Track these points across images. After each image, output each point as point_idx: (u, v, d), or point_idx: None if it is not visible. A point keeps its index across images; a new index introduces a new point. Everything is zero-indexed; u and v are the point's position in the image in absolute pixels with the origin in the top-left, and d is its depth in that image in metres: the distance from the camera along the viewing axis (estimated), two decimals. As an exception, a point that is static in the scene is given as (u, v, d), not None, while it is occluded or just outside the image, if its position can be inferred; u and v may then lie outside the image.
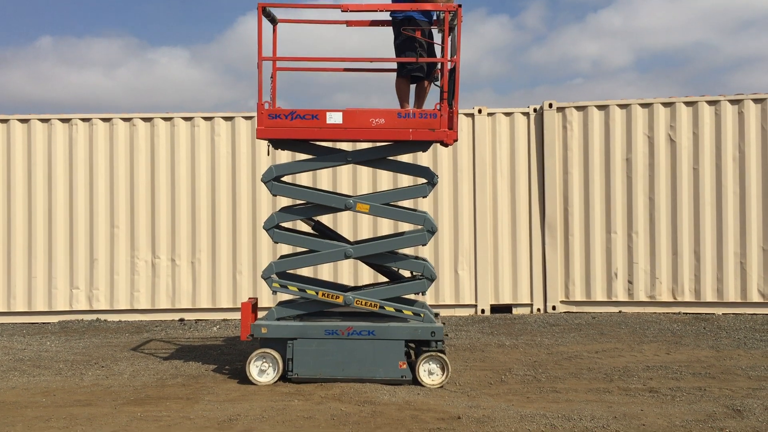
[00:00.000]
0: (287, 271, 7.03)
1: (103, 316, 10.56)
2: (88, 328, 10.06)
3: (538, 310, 10.55)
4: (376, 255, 7.04)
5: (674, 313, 10.18)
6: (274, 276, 6.83)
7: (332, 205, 7.02)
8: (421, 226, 6.88)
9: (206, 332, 9.61)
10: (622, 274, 10.42)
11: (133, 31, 40.47)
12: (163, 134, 10.66)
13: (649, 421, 5.40)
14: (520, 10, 44.04)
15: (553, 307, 10.51)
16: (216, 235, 10.59)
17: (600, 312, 10.36)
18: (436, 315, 6.98)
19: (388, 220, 9.16)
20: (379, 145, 7.00)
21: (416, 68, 7.02)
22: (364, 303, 6.74)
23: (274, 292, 6.89)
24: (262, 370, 6.61)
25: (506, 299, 10.63)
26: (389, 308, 6.73)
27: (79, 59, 37.93)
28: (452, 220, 10.61)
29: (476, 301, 10.58)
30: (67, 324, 10.30)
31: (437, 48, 7.13)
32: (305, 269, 8.63)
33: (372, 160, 7.15)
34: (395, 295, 6.84)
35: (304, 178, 9.96)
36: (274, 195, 7.07)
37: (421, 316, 6.69)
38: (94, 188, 10.60)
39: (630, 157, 10.44)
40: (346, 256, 6.88)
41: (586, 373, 6.98)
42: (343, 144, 7.79)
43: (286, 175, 7.08)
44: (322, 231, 7.37)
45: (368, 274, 9.81)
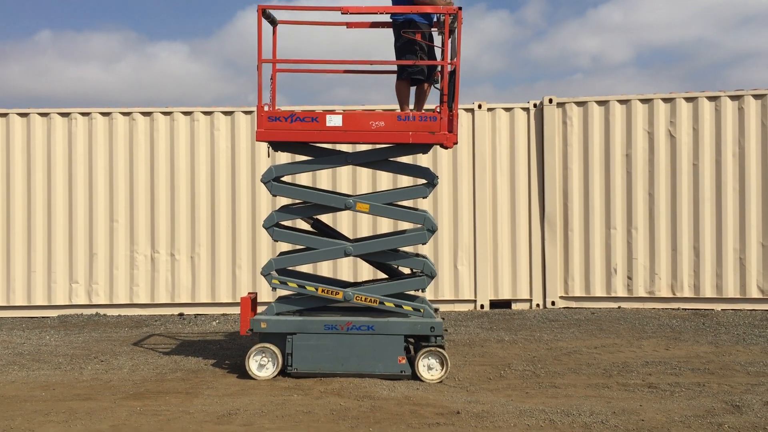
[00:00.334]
0: (287, 268, 7.03)
1: (102, 311, 10.56)
2: (88, 322, 10.07)
3: (538, 305, 10.56)
4: (376, 253, 7.05)
5: (673, 309, 10.19)
6: (273, 273, 6.83)
7: (332, 204, 7.03)
8: (421, 225, 6.88)
9: (205, 327, 9.61)
10: (622, 270, 10.43)
11: (132, 25, 40.40)
12: (163, 129, 10.64)
13: (648, 416, 5.41)
14: (520, 6, 43.97)
15: (553, 303, 10.52)
16: (215, 230, 10.59)
17: (599, 308, 10.36)
18: (435, 310, 6.98)
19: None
20: (379, 147, 6.99)
21: (416, 71, 7.02)
22: (364, 299, 6.74)
23: (273, 288, 6.89)
24: (262, 365, 6.62)
25: (505, 295, 10.64)
26: (389, 304, 6.73)
27: (78, 53, 37.88)
28: (452, 215, 10.61)
29: (475, 297, 10.58)
30: (67, 318, 10.31)
31: (437, 51, 7.12)
32: (305, 265, 8.63)
33: (372, 161, 7.17)
34: (395, 292, 6.84)
35: (303, 177, 9.94)
36: (274, 195, 7.06)
37: (421, 311, 6.70)
38: (94, 182, 10.58)
39: (630, 153, 10.43)
40: (346, 254, 6.88)
41: (585, 368, 6.98)
42: (343, 145, 7.78)
43: (286, 175, 7.09)
44: (321, 228, 7.37)
45: (368, 270, 9.81)
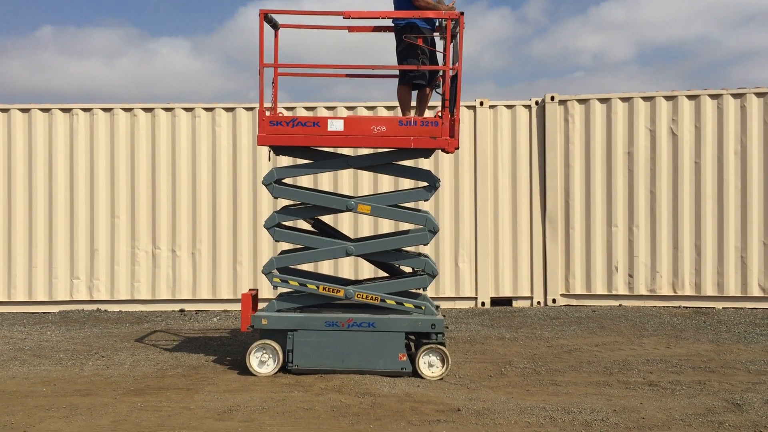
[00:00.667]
0: (288, 266, 7.04)
1: (103, 307, 10.57)
2: (89, 318, 10.07)
3: (539, 303, 10.56)
4: (378, 252, 7.06)
5: (674, 307, 10.18)
6: (274, 271, 6.83)
7: (333, 206, 7.03)
8: (423, 226, 6.88)
9: (206, 323, 9.62)
10: (623, 268, 10.42)
11: (133, 21, 40.41)
12: (164, 125, 10.64)
13: (648, 414, 5.41)
14: (522, 3, 43.94)
15: (554, 300, 10.51)
16: (216, 226, 10.59)
17: (600, 305, 10.36)
18: (436, 307, 6.98)
19: (389, 218, 9.15)
20: (381, 151, 6.98)
21: (418, 76, 7.01)
22: (365, 297, 6.74)
23: (274, 287, 6.89)
24: (262, 361, 6.62)
25: (507, 292, 10.63)
26: (390, 301, 6.73)
27: (80, 49, 37.89)
28: (453, 212, 10.60)
29: (476, 294, 10.58)
30: (68, 314, 10.31)
31: (439, 55, 7.11)
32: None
33: (373, 165, 7.17)
34: (396, 291, 6.84)
35: (305, 178, 9.94)
36: (276, 197, 7.08)
37: (423, 308, 6.70)
38: (95, 178, 10.59)
39: (631, 151, 10.42)
40: (348, 254, 6.89)
41: (586, 366, 6.98)
42: (345, 148, 7.77)
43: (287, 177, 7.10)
44: (322, 228, 7.38)
45: (369, 268, 9.81)
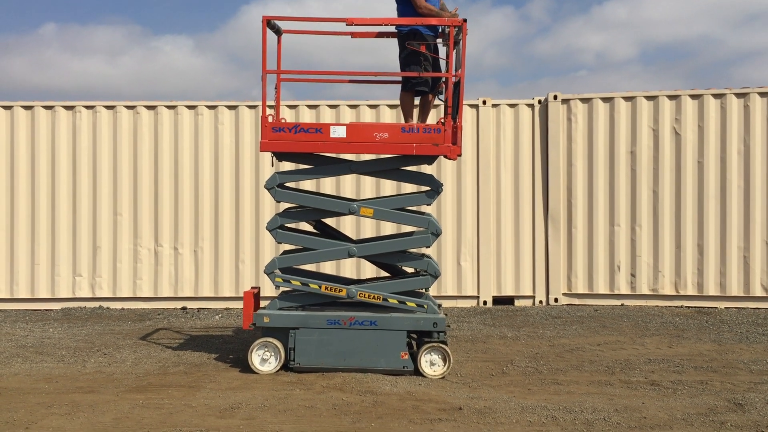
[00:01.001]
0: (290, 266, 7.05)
1: (105, 304, 10.58)
2: (91, 315, 10.09)
3: (541, 302, 10.55)
4: (380, 254, 7.07)
5: (677, 307, 10.17)
6: (276, 271, 6.84)
7: (336, 210, 7.03)
8: (425, 229, 6.88)
9: (208, 321, 9.63)
10: (625, 267, 10.40)
11: (136, 19, 40.42)
12: (167, 122, 10.64)
13: (650, 414, 5.40)
14: (525, 2, 43.88)
15: (556, 300, 10.51)
16: (219, 224, 10.59)
17: (602, 305, 10.35)
18: (438, 306, 6.98)
19: (391, 219, 9.15)
20: (383, 157, 6.98)
21: (420, 82, 7.01)
22: (367, 296, 6.74)
23: (277, 287, 6.90)
24: (264, 359, 6.63)
25: (508, 291, 10.63)
26: (393, 300, 6.74)
27: (83, 47, 37.89)
28: (455, 211, 10.59)
29: (478, 293, 10.57)
30: (70, 311, 10.33)
31: (442, 62, 7.11)
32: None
33: (376, 171, 7.18)
34: (398, 291, 6.84)
35: (307, 181, 9.91)
36: (278, 201, 7.07)
37: (425, 307, 6.70)
38: (98, 176, 10.59)
39: (634, 150, 10.40)
40: (350, 255, 6.90)
41: (588, 365, 6.98)
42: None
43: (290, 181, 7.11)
44: (324, 229, 7.39)
45: (371, 267, 9.80)
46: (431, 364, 6.52)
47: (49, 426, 5.17)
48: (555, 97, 10.58)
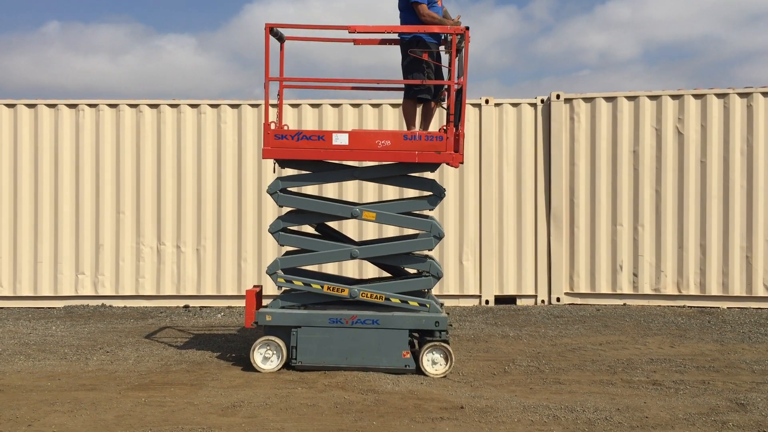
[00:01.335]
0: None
1: (108, 302, 10.59)
2: (94, 313, 10.11)
3: (543, 301, 10.55)
4: (382, 256, 7.10)
5: (679, 307, 10.16)
6: (279, 272, 6.85)
7: (338, 214, 7.06)
8: (428, 232, 6.89)
9: (211, 319, 9.64)
10: (627, 267, 10.40)
11: (139, 18, 40.45)
12: (170, 121, 10.65)
13: (652, 413, 5.40)
14: (528, 1, 43.87)
15: (558, 299, 10.50)
16: (221, 223, 10.60)
17: (604, 304, 10.34)
18: (440, 305, 6.99)
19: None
20: (386, 163, 6.99)
21: (422, 90, 7.02)
22: (369, 296, 6.75)
23: (279, 287, 6.91)
24: (266, 358, 6.63)
25: (510, 290, 10.63)
26: (395, 300, 6.74)
27: (86, 45, 37.95)
28: (457, 210, 10.59)
29: (480, 292, 10.57)
30: (73, 309, 10.35)
31: (444, 70, 7.11)
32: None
33: (378, 177, 7.20)
34: (400, 291, 6.84)
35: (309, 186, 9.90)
36: (281, 206, 7.08)
37: (427, 306, 6.70)
38: (101, 174, 10.61)
39: (637, 150, 10.39)
40: (352, 257, 6.91)
41: (590, 365, 6.98)
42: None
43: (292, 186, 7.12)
44: (326, 231, 7.40)
45: (373, 268, 9.78)
46: (433, 363, 6.53)
47: (52, 423, 5.19)
48: (558, 97, 10.57)
